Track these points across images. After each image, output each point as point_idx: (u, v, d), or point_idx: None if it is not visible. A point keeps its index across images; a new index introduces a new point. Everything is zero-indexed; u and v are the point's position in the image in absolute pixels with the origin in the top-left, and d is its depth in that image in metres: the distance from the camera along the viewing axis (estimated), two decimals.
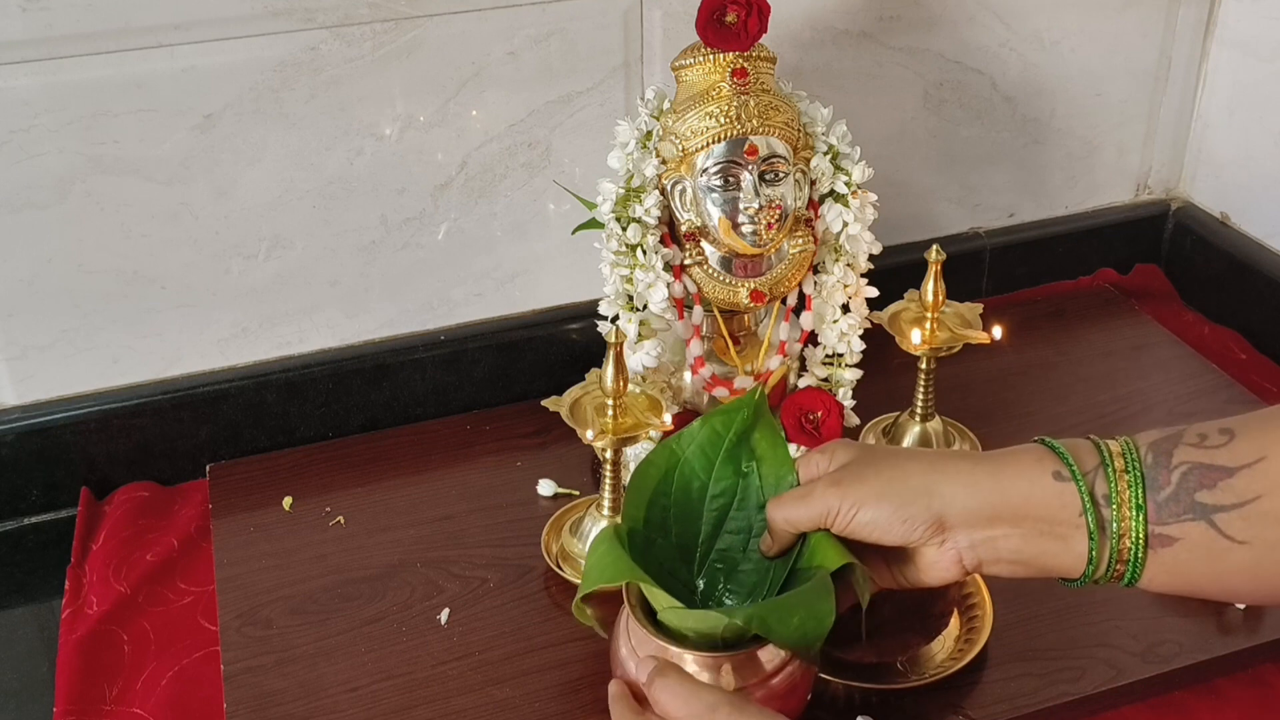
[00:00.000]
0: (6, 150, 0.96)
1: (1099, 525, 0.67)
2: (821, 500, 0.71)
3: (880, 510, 0.69)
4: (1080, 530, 0.67)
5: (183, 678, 0.91)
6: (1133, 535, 0.66)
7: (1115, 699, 0.88)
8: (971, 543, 0.70)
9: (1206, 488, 0.65)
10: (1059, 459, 0.68)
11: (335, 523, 1.03)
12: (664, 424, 0.93)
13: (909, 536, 0.69)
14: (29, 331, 1.03)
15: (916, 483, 0.69)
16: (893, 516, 0.69)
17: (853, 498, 0.70)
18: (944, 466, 0.70)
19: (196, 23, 0.97)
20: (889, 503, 0.69)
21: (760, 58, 0.95)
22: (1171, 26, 1.29)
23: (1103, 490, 0.67)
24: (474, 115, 1.07)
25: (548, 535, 1.00)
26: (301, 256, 1.08)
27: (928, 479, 0.69)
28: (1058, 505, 0.67)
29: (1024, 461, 0.69)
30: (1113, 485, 0.66)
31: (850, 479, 0.71)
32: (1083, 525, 0.67)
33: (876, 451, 0.74)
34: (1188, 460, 0.66)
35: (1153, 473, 0.66)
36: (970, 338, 1.04)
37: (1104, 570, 0.68)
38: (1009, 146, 1.29)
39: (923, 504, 0.69)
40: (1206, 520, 0.65)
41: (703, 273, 0.98)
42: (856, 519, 0.70)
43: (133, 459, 1.09)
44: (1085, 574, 0.69)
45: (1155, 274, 1.38)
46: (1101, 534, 0.67)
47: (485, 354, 1.16)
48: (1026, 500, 0.68)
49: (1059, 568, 0.69)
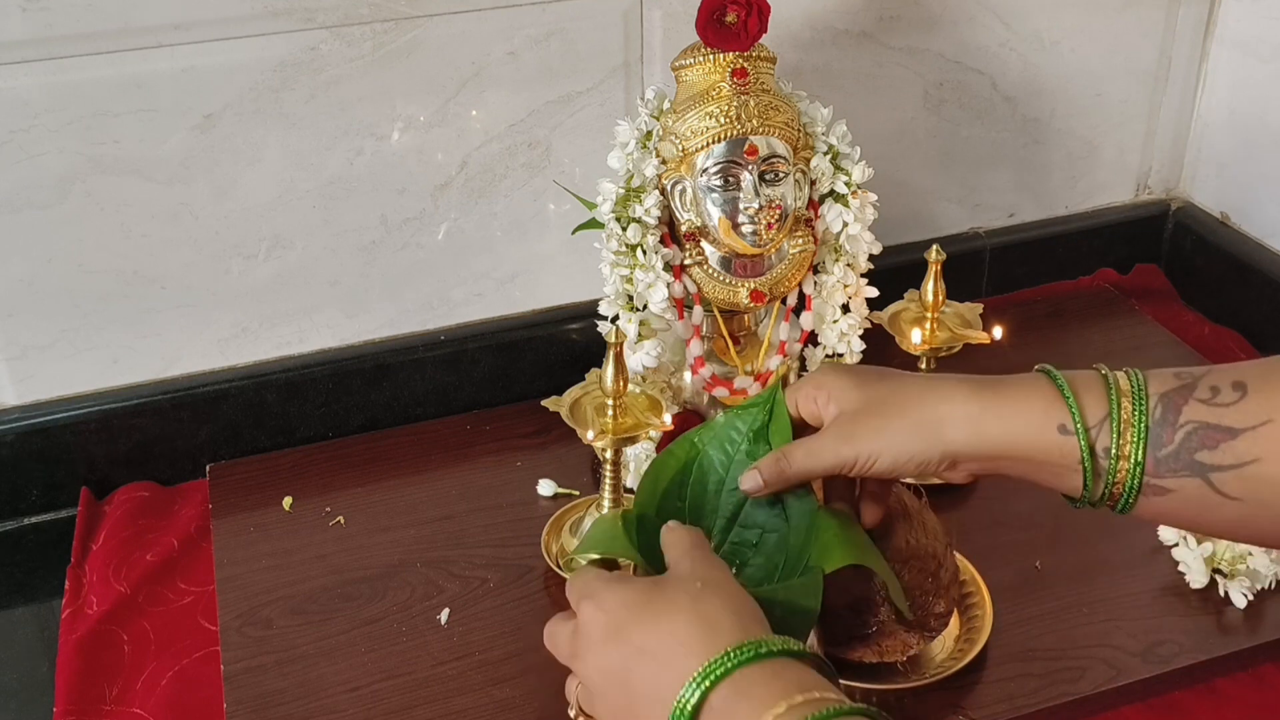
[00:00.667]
0: (6, 150, 0.96)
1: (1095, 473, 0.68)
2: (835, 455, 0.72)
3: (895, 460, 0.71)
4: (1077, 474, 0.69)
5: (183, 678, 0.91)
6: (1126, 485, 0.68)
7: (1115, 699, 0.88)
8: (980, 467, 0.72)
9: (1208, 448, 0.66)
10: (1066, 409, 0.69)
11: (335, 523, 1.03)
12: (664, 424, 0.93)
13: (922, 473, 0.72)
14: (29, 331, 1.03)
15: (927, 431, 0.70)
16: (908, 462, 0.71)
17: (867, 452, 0.71)
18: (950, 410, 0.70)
19: (196, 23, 0.97)
20: (903, 452, 0.70)
21: (760, 58, 0.95)
22: (1171, 26, 1.29)
23: (1105, 444, 0.68)
24: (474, 115, 1.07)
25: (548, 535, 1.00)
26: (301, 256, 1.08)
27: (936, 424, 0.70)
28: (1059, 455, 0.69)
29: (1032, 408, 0.69)
30: (1115, 440, 0.67)
31: (860, 432, 0.71)
32: (1080, 470, 0.69)
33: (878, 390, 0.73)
34: (1195, 419, 0.66)
35: (1158, 429, 0.67)
36: (970, 338, 1.04)
37: (1096, 501, 0.70)
38: (1009, 146, 1.29)
39: (935, 449, 0.70)
40: (1202, 477, 0.66)
41: (703, 273, 0.98)
42: (876, 469, 0.71)
43: (133, 459, 1.09)
44: (1076, 502, 0.71)
45: (1155, 274, 1.38)
46: (1096, 479, 0.68)
47: (485, 354, 1.16)
48: (1030, 447, 0.69)
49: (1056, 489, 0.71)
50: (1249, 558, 0.94)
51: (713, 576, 0.66)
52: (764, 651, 0.61)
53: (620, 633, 0.64)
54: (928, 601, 0.84)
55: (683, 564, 0.68)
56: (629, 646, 0.63)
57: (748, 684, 0.60)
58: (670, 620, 0.63)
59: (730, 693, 0.60)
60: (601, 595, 0.66)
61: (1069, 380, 0.70)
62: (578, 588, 0.68)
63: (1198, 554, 0.95)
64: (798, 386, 0.76)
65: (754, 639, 0.61)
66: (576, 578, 0.69)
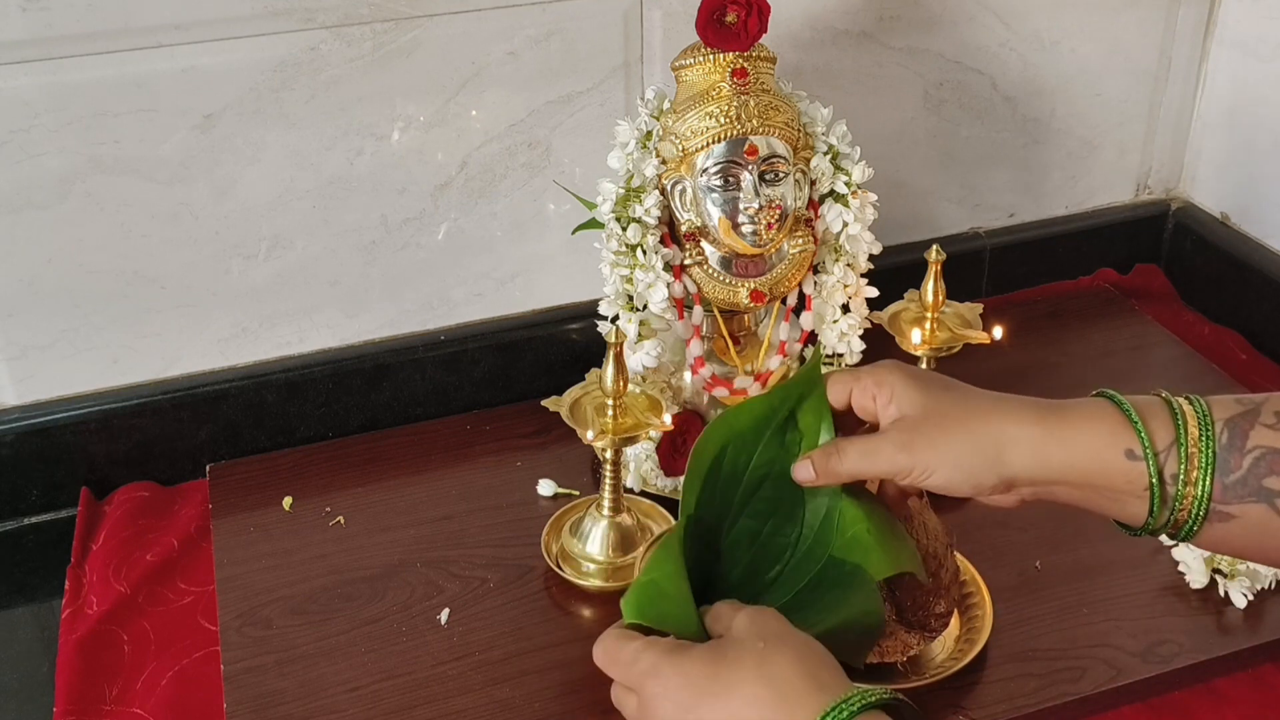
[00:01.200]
0: (6, 150, 0.96)
1: (1161, 500, 0.67)
2: (891, 461, 0.70)
3: (951, 477, 0.69)
4: (1142, 501, 0.68)
5: (183, 678, 0.91)
6: (1192, 512, 0.67)
7: (1115, 699, 0.88)
8: (1034, 492, 0.70)
9: (1276, 474, 0.65)
10: (1134, 434, 0.68)
11: (335, 523, 1.03)
12: (664, 424, 0.93)
13: (977, 496, 0.70)
14: (29, 331, 1.03)
15: (989, 450, 0.69)
16: (963, 483, 0.69)
17: (924, 464, 0.69)
18: (1014, 431, 0.69)
19: (196, 23, 0.97)
20: (960, 470, 0.69)
21: (760, 58, 0.95)
22: (1171, 26, 1.29)
23: (1172, 470, 0.67)
24: (474, 115, 1.07)
25: (548, 535, 1.00)
26: (301, 256, 1.08)
27: (998, 445, 0.69)
28: (1124, 481, 0.68)
29: (1098, 432, 0.68)
30: (1183, 465, 0.67)
31: (920, 442, 0.69)
32: (1145, 498, 0.67)
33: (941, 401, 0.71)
34: (1262, 445, 0.66)
35: (1225, 454, 0.66)
36: (970, 338, 1.04)
37: (1157, 530, 0.69)
38: (1009, 146, 1.29)
39: (993, 471, 0.69)
40: (1269, 504, 0.65)
41: (703, 273, 0.98)
42: (928, 482, 0.70)
43: (133, 459, 1.09)
44: (1137, 531, 0.69)
45: (1155, 274, 1.38)
46: (1162, 507, 0.67)
47: (485, 354, 1.16)
48: (1095, 473, 0.68)
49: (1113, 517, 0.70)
50: None
51: (772, 630, 0.64)
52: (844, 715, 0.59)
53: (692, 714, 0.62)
54: (928, 601, 0.84)
55: (740, 622, 0.65)
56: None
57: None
58: (741, 693, 0.61)
59: None
60: (664, 673, 0.63)
61: (1134, 405, 0.69)
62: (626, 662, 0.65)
63: (1198, 554, 0.95)
64: (856, 376, 0.74)
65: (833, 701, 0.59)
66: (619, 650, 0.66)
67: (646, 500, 1.02)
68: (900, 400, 0.71)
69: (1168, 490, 0.67)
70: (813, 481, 0.73)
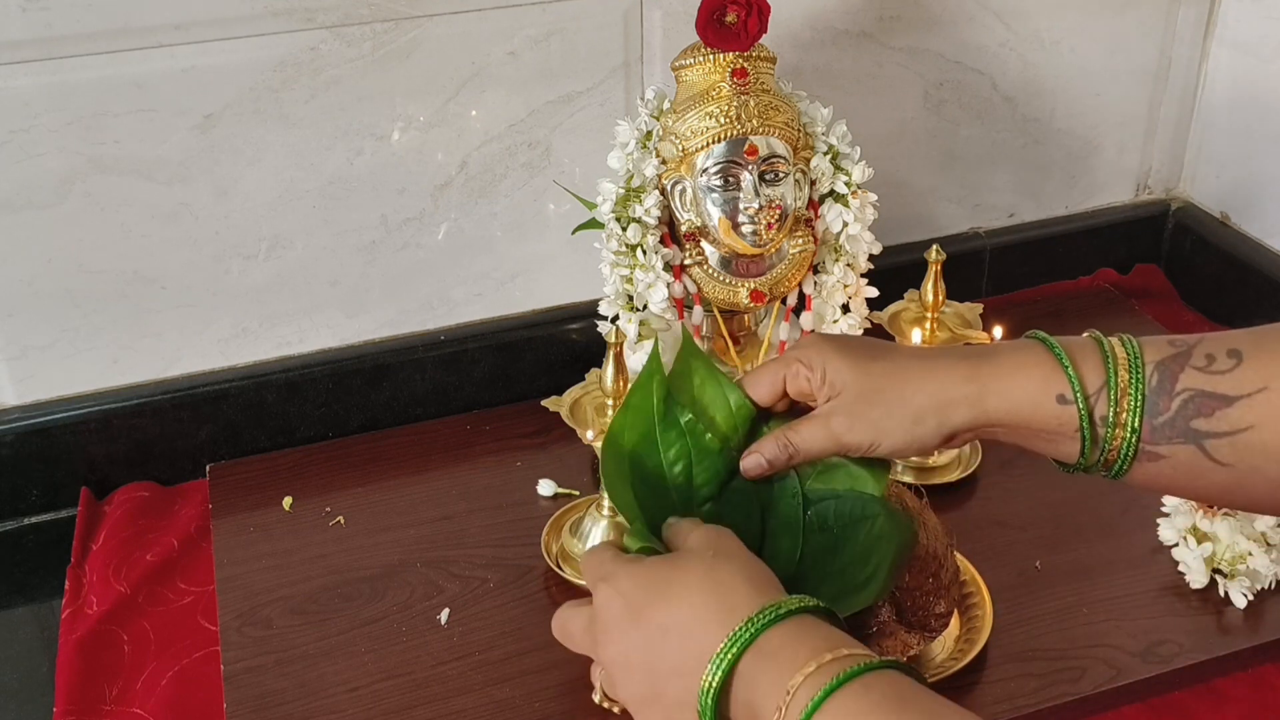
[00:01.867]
0: (6, 150, 0.96)
1: (1092, 440, 0.69)
2: (837, 442, 0.72)
3: (896, 446, 0.71)
4: (1074, 441, 0.69)
5: (183, 678, 0.91)
6: (1121, 451, 0.68)
7: (1115, 699, 0.88)
8: (975, 435, 0.72)
9: (1204, 415, 0.66)
10: (1065, 378, 0.69)
11: (335, 523, 1.03)
12: None
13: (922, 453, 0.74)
14: (29, 331, 1.03)
15: (927, 416, 0.70)
16: (908, 447, 0.71)
17: (869, 439, 0.71)
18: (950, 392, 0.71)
19: (196, 23, 0.97)
20: (904, 437, 0.71)
21: (760, 58, 0.95)
22: (1171, 26, 1.29)
23: (1102, 412, 0.68)
24: (474, 115, 1.07)
25: (548, 535, 1.00)
26: (301, 256, 1.08)
27: (936, 407, 0.70)
28: (1056, 424, 0.69)
29: (1030, 378, 0.70)
30: (1112, 407, 0.68)
31: (860, 422, 0.71)
32: (1077, 439, 0.69)
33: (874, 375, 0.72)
34: (1191, 387, 0.67)
35: (1154, 397, 0.67)
36: (970, 338, 1.04)
37: (1089, 469, 0.70)
38: (1009, 146, 1.29)
39: (933, 428, 0.70)
40: (1197, 445, 0.66)
41: (703, 273, 0.98)
42: (875, 453, 0.72)
43: (133, 459, 1.09)
44: (1071, 468, 0.71)
45: (1155, 274, 1.38)
46: (1093, 446, 0.69)
47: (485, 354, 1.16)
48: (1029, 418, 0.70)
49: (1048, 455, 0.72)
50: (1249, 558, 0.94)
51: (724, 545, 0.66)
52: (783, 612, 0.61)
53: (639, 613, 0.64)
54: (928, 601, 0.84)
55: (695, 537, 0.67)
56: (649, 626, 0.63)
57: (773, 647, 0.60)
58: (688, 595, 0.63)
59: (756, 659, 0.60)
60: (617, 577, 0.65)
61: (1065, 348, 0.70)
62: (593, 568, 0.68)
63: (1198, 554, 0.95)
64: (784, 363, 0.74)
65: (772, 601, 0.61)
66: (592, 556, 0.69)
67: None
68: (833, 378, 0.72)
69: (1098, 432, 0.68)
70: (764, 470, 0.74)
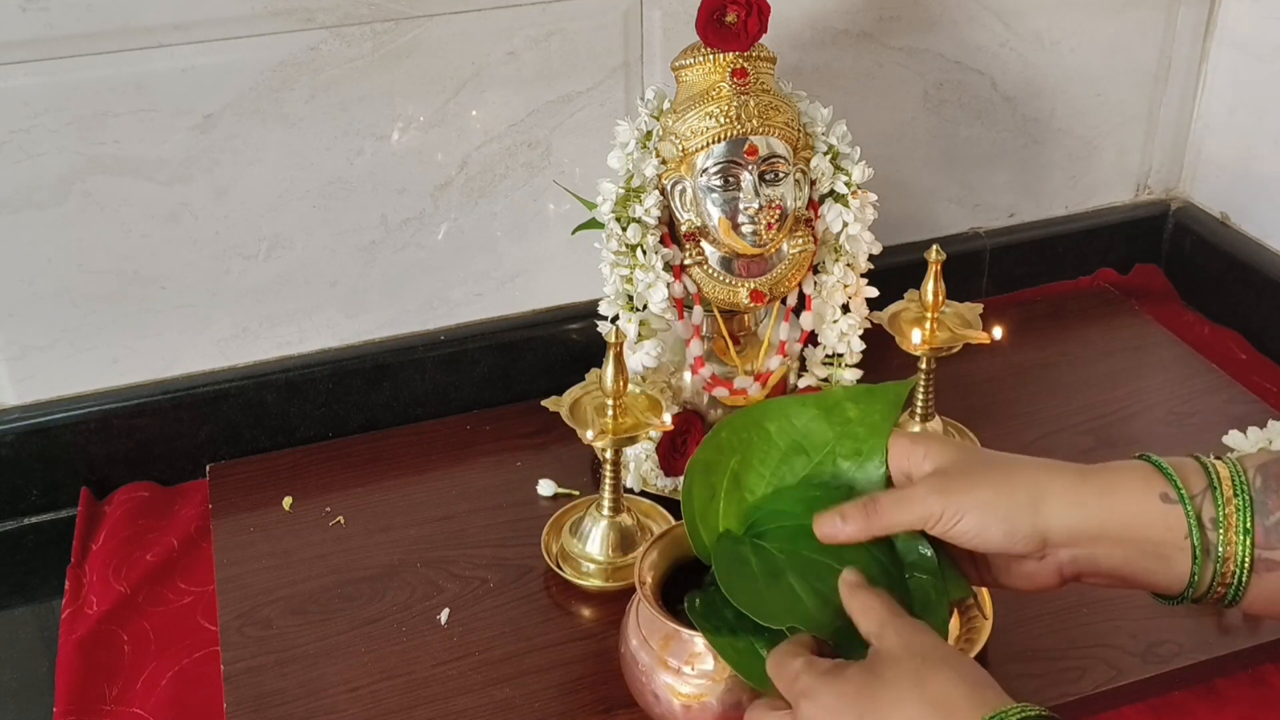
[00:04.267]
0: (6, 150, 0.96)
1: (1204, 548, 0.66)
2: (923, 505, 0.68)
3: (984, 520, 0.67)
4: (1184, 552, 0.66)
5: (183, 678, 0.91)
6: (1237, 559, 0.65)
7: (1115, 699, 0.88)
8: (1073, 557, 0.68)
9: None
10: (1166, 480, 0.67)
11: (335, 523, 1.03)
12: (664, 424, 0.93)
13: (1010, 548, 0.68)
14: (29, 331, 1.03)
15: (1022, 496, 0.67)
16: (996, 529, 0.67)
17: (956, 505, 0.67)
18: (1050, 481, 0.68)
19: (196, 23, 0.97)
20: (993, 514, 0.67)
21: (760, 58, 0.95)
22: (1171, 26, 1.29)
23: (1209, 514, 0.66)
24: (474, 115, 1.07)
25: (548, 535, 1.00)
26: (301, 256, 1.08)
27: (1033, 493, 0.67)
28: (1163, 527, 0.66)
29: (1131, 481, 0.67)
30: (1220, 509, 0.66)
31: (954, 486, 0.68)
32: (1187, 548, 0.66)
33: (978, 456, 0.70)
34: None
35: (1261, 497, 0.65)
36: (970, 338, 1.04)
37: (1204, 591, 0.67)
38: (1009, 146, 1.29)
39: (1027, 519, 0.67)
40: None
41: (703, 273, 0.98)
42: (958, 527, 0.68)
43: (133, 459, 1.09)
44: (1184, 594, 0.68)
45: (1155, 274, 1.38)
46: (1206, 557, 0.66)
47: (485, 354, 1.16)
48: (1132, 521, 0.67)
49: (1158, 585, 0.68)
50: None
51: (926, 646, 0.63)
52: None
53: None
54: None
55: (888, 637, 0.64)
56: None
57: None
58: (901, 714, 0.61)
59: None
60: (818, 693, 0.63)
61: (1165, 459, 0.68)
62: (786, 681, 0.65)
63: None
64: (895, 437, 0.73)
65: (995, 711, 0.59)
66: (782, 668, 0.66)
67: (646, 500, 1.02)
68: (935, 456, 0.70)
69: (1208, 536, 0.66)
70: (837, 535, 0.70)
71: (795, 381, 1.06)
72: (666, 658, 0.78)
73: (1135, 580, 0.68)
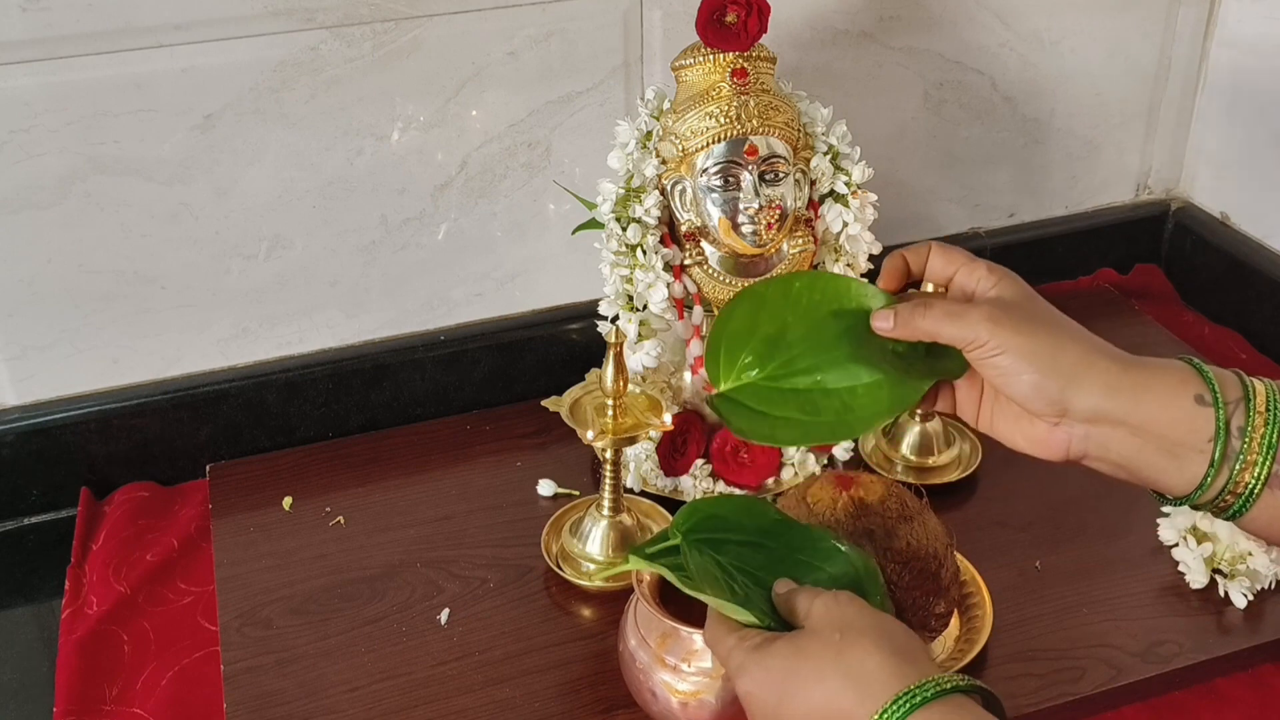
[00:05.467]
0: (6, 150, 0.96)
1: (1225, 455, 0.66)
2: (973, 327, 0.68)
3: (1020, 366, 0.67)
4: (1202, 455, 0.66)
5: (183, 678, 0.91)
6: (1255, 471, 0.66)
7: (1115, 699, 0.88)
8: (1086, 434, 0.68)
9: None
10: (1204, 382, 0.67)
11: (335, 523, 1.03)
12: (664, 424, 0.93)
13: (1029, 403, 0.68)
14: (29, 331, 1.03)
15: (1065, 361, 0.67)
16: (1027, 378, 0.67)
17: (1003, 340, 0.67)
18: (1094, 360, 0.68)
19: (196, 23, 0.97)
20: (1031, 365, 0.67)
21: (760, 58, 0.95)
22: (1171, 26, 1.29)
23: (1239, 423, 0.66)
24: (474, 115, 1.07)
25: (548, 535, 1.00)
26: (301, 256, 1.08)
27: (1077, 363, 0.67)
28: (1188, 428, 0.66)
29: (1169, 378, 0.67)
30: (1250, 419, 0.66)
31: (1008, 321, 0.68)
32: (1208, 451, 0.66)
33: (1041, 306, 0.70)
34: None
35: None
36: None
37: (1211, 497, 0.67)
38: (1009, 146, 1.29)
39: (1059, 384, 0.67)
40: None
41: (703, 273, 0.98)
42: (994, 360, 0.67)
43: (133, 459, 1.09)
44: (1190, 496, 0.68)
45: (1155, 274, 1.38)
46: (1224, 463, 0.66)
47: (485, 354, 1.16)
48: (1159, 415, 0.67)
49: (1163, 484, 0.69)
50: (1249, 558, 0.94)
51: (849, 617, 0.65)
52: (918, 701, 0.59)
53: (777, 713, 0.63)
54: (928, 601, 0.84)
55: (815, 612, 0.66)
56: None
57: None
58: (821, 688, 0.62)
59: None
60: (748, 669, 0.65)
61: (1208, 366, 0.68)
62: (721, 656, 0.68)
63: (1198, 554, 0.95)
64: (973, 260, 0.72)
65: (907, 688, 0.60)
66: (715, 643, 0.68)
67: (646, 500, 1.02)
68: (1003, 288, 0.70)
69: (1233, 444, 0.66)
70: (890, 331, 0.71)
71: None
72: (664, 655, 0.78)
73: (1140, 474, 0.68)
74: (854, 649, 0.62)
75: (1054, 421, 0.68)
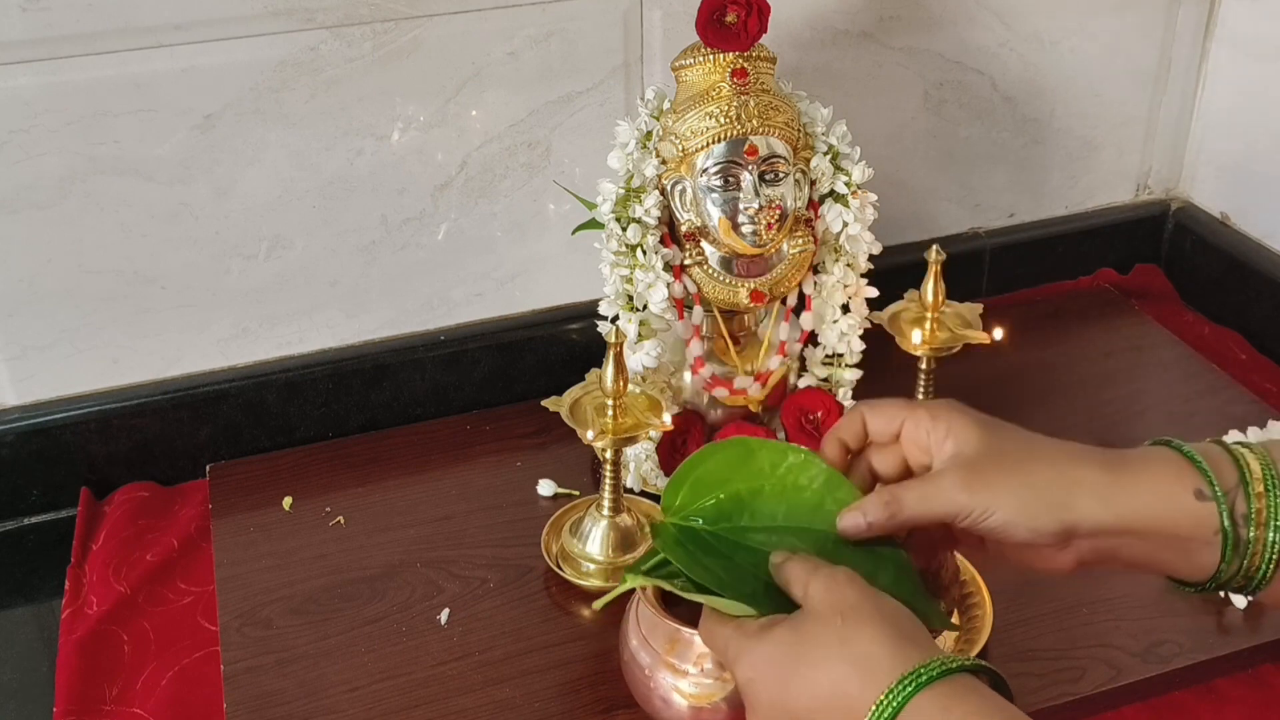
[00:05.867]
0: (6, 150, 0.96)
1: (1234, 547, 0.65)
2: (950, 501, 0.66)
3: (1011, 520, 0.65)
4: (1211, 546, 0.65)
5: (183, 678, 0.91)
6: (1265, 554, 0.65)
7: (1115, 699, 0.88)
8: (1094, 547, 0.67)
9: None
10: (1199, 474, 0.65)
11: (335, 523, 1.03)
12: (664, 424, 0.93)
13: (1035, 541, 0.66)
14: (29, 331, 1.03)
15: (1050, 494, 0.66)
16: (1022, 526, 0.65)
17: (984, 503, 0.65)
18: (1079, 475, 0.66)
19: (196, 23, 0.97)
20: (1021, 514, 0.65)
21: (760, 58, 0.95)
22: (1171, 26, 1.29)
23: (1242, 510, 0.65)
24: (474, 115, 1.07)
25: (548, 535, 1.00)
26: (301, 256, 1.08)
27: (1061, 488, 0.66)
28: (1192, 525, 0.65)
29: (1163, 475, 0.66)
30: (1251, 505, 0.65)
31: (981, 480, 0.66)
32: (1215, 542, 0.65)
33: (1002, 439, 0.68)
34: None
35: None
36: (970, 338, 1.04)
37: (1225, 581, 0.67)
38: (1009, 146, 1.29)
39: (1055, 516, 0.65)
40: None
41: (703, 273, 0.98)
42: (986, 523, 0.66)
43: (133, 459, 1.09)
44: (1205, 585, 0.67)
45: (1155, 274, 1.38)
46: (1234, 555, 0.65)
47: (485, 354, 1.16)
48: (1162, 515, 0.65)
49: (1178, 574, 0.68)
50: None
51: (851, 599, 0.63)
52: (924, 680, 0.58)
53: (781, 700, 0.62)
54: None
55: (814, 594, 0.64)
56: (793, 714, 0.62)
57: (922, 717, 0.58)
58: (825, 673, 0.61)
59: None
60: (748, 656, 0.64)
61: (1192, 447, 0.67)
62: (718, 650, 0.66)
63: None
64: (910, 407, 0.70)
65: (912, 669, 0.59)
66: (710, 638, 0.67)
67: (646, 500, 1.02)
68: (957, 437, 0.67)
69: (1240, 532, 0.65)
70: (862, 531, 0.68)
71: (795, 382, 1.06)
72: (672, 660, 0.77)
73: (1154, 569, 0.68)
74: (858, 634, 0.61)
75: (1063, 547, 0.67)
